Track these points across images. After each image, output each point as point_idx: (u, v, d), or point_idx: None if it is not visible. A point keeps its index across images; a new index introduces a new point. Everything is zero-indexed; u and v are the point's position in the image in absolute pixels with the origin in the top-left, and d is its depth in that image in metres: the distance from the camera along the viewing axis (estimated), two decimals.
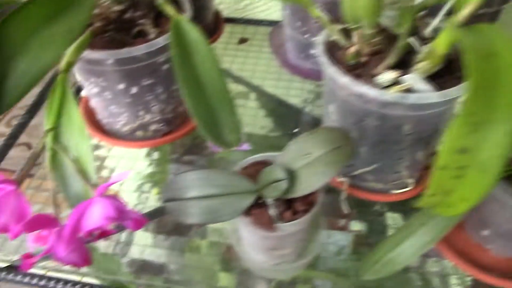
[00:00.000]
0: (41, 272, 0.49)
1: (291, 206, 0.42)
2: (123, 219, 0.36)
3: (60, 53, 0.36)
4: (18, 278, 0.46)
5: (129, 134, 0.57)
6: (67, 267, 0.49)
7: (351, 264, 0.50)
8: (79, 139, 0.38)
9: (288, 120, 0.66)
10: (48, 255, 0.34)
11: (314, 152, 0.38)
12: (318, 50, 0.46)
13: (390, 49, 0.44)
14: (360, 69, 0.43)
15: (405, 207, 0.54)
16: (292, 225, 0.41)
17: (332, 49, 0.46)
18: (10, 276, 0.47)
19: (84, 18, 0.38)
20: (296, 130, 0.64)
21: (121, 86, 0.50)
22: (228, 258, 0.51)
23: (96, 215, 0.34)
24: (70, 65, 0.40)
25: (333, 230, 0.52)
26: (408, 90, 0.40)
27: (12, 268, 0.48)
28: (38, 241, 0.35)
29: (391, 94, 0.39)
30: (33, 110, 0.61)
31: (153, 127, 0.57)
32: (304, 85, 0.70)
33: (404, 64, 0.42)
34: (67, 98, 0.39)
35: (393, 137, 0.45)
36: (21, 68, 0.35)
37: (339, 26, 0.47)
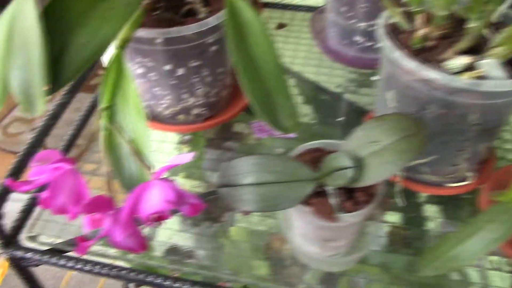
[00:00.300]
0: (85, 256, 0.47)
1: (352, 196, 0.40)
2: (181, 203, 0.34)
3: (120, 27, 0.34)
4: (62, 262, 0.45)
5: (170, 117, 0.55)
6: (99, 250, 0.48)
7: (390, 257, 0.48)
8: (135, 118, 0.36)
9: (330, 108, 0.64)
10: (102, 238, 0.33)
11: (383, 140, 0.36)
12: (379, 33, 0.44)
13: (459, 33, 0.41)
14: (425, 54, 0.41)
15: (444, 199, 0.52)
16: (353, 216, 0.39)
17: (393, 33, 0.44)
18: (54, 260, 0.45)
19: None
20: (340, 119, 0.61)
21: (168, 67, 0.48)
22: (265, 247, 0.49)
23: (155, 198, 0.32)
24: (125, 41, 0.38)
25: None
26: (481, 77, 0.38)
27: (55, 251, 0.46)
28: (91, 224, 0.33)
29: (464, 80, 0.37)
30: (73, 90, 0.59)
31: (195, 111, 0.55)
32: (346, 72, 0.68)
33: (474, 50, 0.40)
34: (123, 75, 0.37)
35: (456, 127, 0.42)
36: (81, 41, 0.33)
37: (401, 9, 0.44)
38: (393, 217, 0.50)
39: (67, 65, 0.33)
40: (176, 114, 0.55)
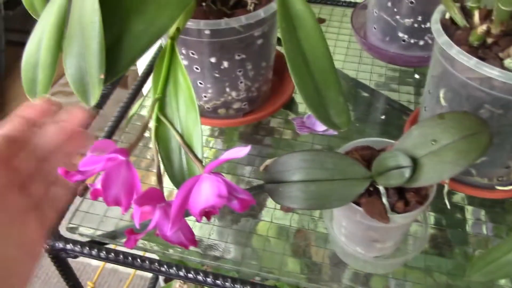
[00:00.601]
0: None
1: (403, 196, 0.38)
2: (231, 198, 0.33)
3: (177, 16, 0.33)
4: (102, 254, 0.45)
5: (211, 111, 0.54)
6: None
7: (434, 260, 0.47)
8: (188, 109, 0.36)
9: (370, 106, 0.63)
10: (151, 231, 0.32)
11: (442, 139, 0.34)
12: (435, 29, 0.42)
13: None
14: (485, 51, 0.40)
15: (492, 203, 0.51)
16: (405, 217, 0.38)
17: (447, 29, 0.43)
18: (94, 252, 0.45)
19: None
20: (382, 117, 0.60)
21: (213, 59, 0.48)
22: (298, 244, 0.48)
23: (207, 193, 0.31)
24: (178, 31, 0.37)
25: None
26: None
27: (95, 243, 0.46)
28: (141, 217, 0.32)
29: None
30: (116, 81, 0.59)
31: (236, 105, 0.54)
32: (387, 70, 0.66)
33: None
34: (176, 65, 0.36)
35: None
36: (138, 29, 0.33)
37: (458, 4, 0.43)
38: (438, 219, 0.49)
39: (124, 53, 0.32)
40: (217, 108, 0.54)
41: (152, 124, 0.36)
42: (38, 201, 0.33)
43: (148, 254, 0.47)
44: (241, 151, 0.31)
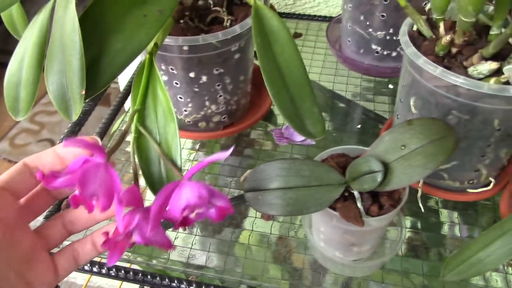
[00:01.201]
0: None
1: (376, 200, 0.40)
2: (210, 203, 0.34)
3: (154, 34, 0.35)
4: (86, 266, 0.45)
5: (191, 125, 0.56)
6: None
7: (410, 263, 0.48)
8: (166, 121, 0.37)
9: (347, 116, 0.65)
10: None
11: (411, 144, 0.36)
12: (403, 40, 0.44)
13: (483, 40, 0.42)
14: (450, 60, 0.42)
15: (464, 205, 0.53)
16: (379, 220, 0.39)
17: (415, 40, 0.45)
18: None
19: (174, 0, 0.37)
20: (358, 126, 0.62)
21: (192, 74, 0.49)
22: (279, 251, 0.49)
23: (188, 195, 0.31)
24: (156, 47, 0.39)
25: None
26: (506, 82, 0.39)
27: None
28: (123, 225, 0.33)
29: (491, 86, 0.38)
30: (97, 98, 0.60)
31: (216, 118, 0.56)
32: (362, 81, 0.69)
33: (498, 56, 0.40)
34: (154, 79, 0.37)
35: (479, 133, 0.43)
36: (117, 47, 0.34)
37: (424, 17, 0.45)
38: (414, 223, 0.50)
39: (103, 70, 0.33)
40: (198, 121, 0.55)
41: (131, 135, 0.37)
42: (53, 244, 0.35)
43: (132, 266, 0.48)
44: (222, 154, 0.32)
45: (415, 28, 0.47)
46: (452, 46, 0.42)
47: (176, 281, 0.45)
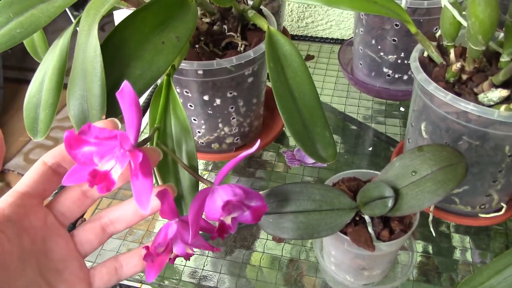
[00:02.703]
0: None
1: (387, 225, 0.40)
2: (245, 206, 0.34)
3: (172, 60, 0.36)
4: None
5: (204, 146, 0.57)
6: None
7: (421, 287, 0.48)
8: (185, 137, 0.38)
9: (358, 138, 0.65)
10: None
11: (421, 170, 0.37)
12: (413, 67, 0.45)
13: (493, 67, 0.43)
14: (460, 87, 0.42)
15: (476, 230, 0.53)
16: (390, 245, 0.39)
17: (426, 66, 0.46)
18: None
19: (190, 27, 0.38)
20: (370, 149, 0.62)
21: (206, 97, 0.50)
22: (290, 274, 0.49)
23: (223, 196, 0.31)
24: (174, 69, 0.40)
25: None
26: None
27: None
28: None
29: (501, 113, 0.38)
30: None
31: (228, 140, 0.57)
32: (374, 104, 0.69)
33: (508, 83, 0.41)
34: (172, 99, 0.39)
35: (491, 158, 0.43)
36: (136, 73, 0.35)
37: (434, 43, 0.46)
38: (425, 247, 0.50)
39: None
40: (211, 143, 0.56)
41: None
42: (90, 249, 0.34)
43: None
44: (249, 150, 0.32)
45: (425, 54, 0.47)
46: (462, 73, 0.42)
47: None
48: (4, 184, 1.84)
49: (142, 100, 0.72)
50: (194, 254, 0.34)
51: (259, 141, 0.35)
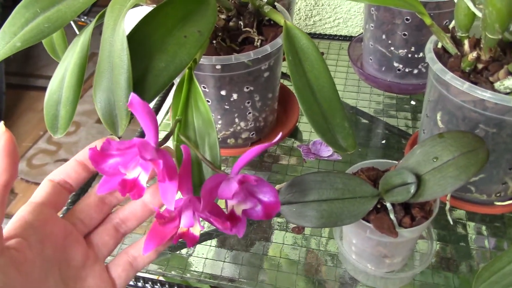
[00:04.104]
0: None
1: (408, 212, 0.41)
2: (259, 198, 0.34)
3: (194, 53, 0.37)
4: None
5: (221, 141, 0.57)
6: None
7: (440, 275, 0.49)
8: (207, 129, 0.38)
9: (370, 132, 0.66)
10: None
11: (443, 156, 0.37)
12: (429, 57, 0.46)
13: (507, 56, 0.43)
14: (476, 76, 0.43)
15: (492, 218, 0.53)
16: (412, 232, 0.40)
17: (440, 57, 0.46)
18: None
19: (211, 21, 0.39)
20: (383, 142, 0.63)
21: (223, 92, 0.51)
22: (311, 264, 0.50)
23: (240, 178, 0.31)
24: (195, 62, 0.41)
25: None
26: None
27: None
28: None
29: None
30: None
31: (244, 135, 0.57)
32: (385, 98, 0.70)
33: None
34: (195, 91, 0.39)
35: (507, 146, 0.44)
36: (160, 66, 0.36)
37: (449, 34, 0.47)
38: (442, 236, 0.51)
39: (148, 87, 0.35)
40: (227, 138, 0.57)
41: (173, 143, 0.38)
42: (107, 251, 0.34)
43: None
44: (268, 143, 0.32)
45: (439, 45, 0.48)
46: (478, 62, 0.43)
47: None
48: None
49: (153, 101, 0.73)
50: (197, 238, 0.34)
51: (281, 133, 0.36)
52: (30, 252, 0.28)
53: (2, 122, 0.28)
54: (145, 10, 0.40)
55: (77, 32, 0.56)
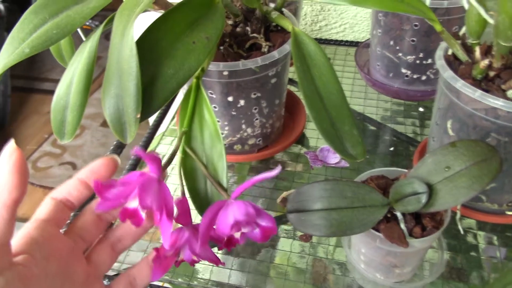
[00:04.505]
0: None
1: (419, 222, 0.40)
2: (256, 224, 0.35)
3: (203, 59, 0.36)
4: None
5: (227, 147, 0.57)
6: None
7: (450, 286, 0.48)
8: (213, 143, 0.38)
9: (378, 139, 0.65)
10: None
11: (455, 166, 0.37)
12: (439, 64, 0.45)
13: None
14: (488, 84, 0.42)
15: (503, 227, 0.52)
16: (423, 242, 0.39)
17: (451, 64, 0.46)
18: None
19: (219, 27, 0.39)
20: (391, 149, 0.62)
21: (230, 98, 0.51)
22: (319, 273, 0.49)
23: (235, 212, 0.33)
24: (203, 71, 0.40)
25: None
26: None
27: None
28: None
29: None
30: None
31: (251, 141, 0.57)
32: (392, 104, 0.69)
33: None
34: (201, 102, 0.39)
35: None
36: (169, 72, 0.35)
37: (459, 41, 0.46)
38: (452, 245, 0.50)
39: (156, 94, 0.35)
40: (233, 144, 0.56)
41: (178, 156, 0.38)
42: (105, 269, 0.35)
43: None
44: (269, 173, 0.33)
45: (449, 52, 0.47)
46: (490, 70, 0.42)
47: None
48: None
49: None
50: (199, 261, 0.36)
51: (280, 167, 0.35)
52: (36, 268, 0.28)
53: (13, 140, 0.28)
54: (152, 16, 0.40)
55: (82, 36, 0.56)
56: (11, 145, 0.27)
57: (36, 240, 0.29)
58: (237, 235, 0.34)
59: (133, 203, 0.31)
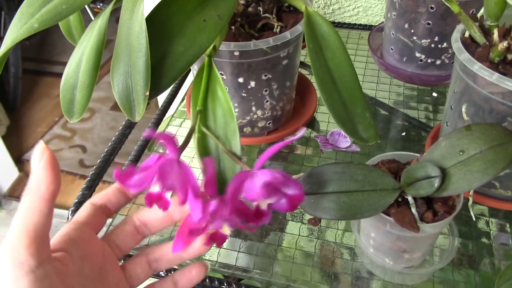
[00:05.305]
0: None
1: (430, 206, 0.40)
2: (282, 193, 0.33)
3: (214, 37, 0.35)
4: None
5: None
6: None
7: (460, 272, 0.47)
8: (226, 120, 0.37)
9: (390, 123, 0.64)
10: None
11: (470, 149, 0.36)
12: (455, 47, 0.44)
13: None
14: (504, 67, 0.41)
15: (509, 213, 0.52)
16: (434, 227, 0.39)
17: (467, 47, 0.45)
18: None
19: (231, 5, 0.38)
20: (403, 134, 0.62)
21: (241, 79, 0.50)
22: (327, 257, 0.49)
23: (262, 178, 0.31)
24: (215, 49, 0.40)
25: None
26: None
27: None
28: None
29: None
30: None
31: (261, 124, 0.56)
32: (405, 89, 0.68)
33: None
34: (214, 80, 0.38)
35: None
36: (179, 49, 0.35)
37: (477, 23, 0.45)
38: (463, 232, 0.49)
39: (166, 72, 0.34)
40: (243, 127, 0.56)
41: (195, 135, 0.37)
42: (137, 282, 0.35)
43: None
44: (293, 137, 0.32)
45: (466, 34, 0.46)
46: (508, 53, 0.41)
47: (216, 282, 0.45)
48: (23, 174, 1.86)
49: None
50: (228, 237, 0.34)
51: (304, 128, 0.34)
52: (72, 266, 0.29)
53: (42, 140, 0.30)
54: None
55: (92, 17, 0.55)
56: (41, 145, 0.29)
57: (74, 240, 0.31)
58: (264, 205, 0.33)
59: (156, 187, 0.31)
